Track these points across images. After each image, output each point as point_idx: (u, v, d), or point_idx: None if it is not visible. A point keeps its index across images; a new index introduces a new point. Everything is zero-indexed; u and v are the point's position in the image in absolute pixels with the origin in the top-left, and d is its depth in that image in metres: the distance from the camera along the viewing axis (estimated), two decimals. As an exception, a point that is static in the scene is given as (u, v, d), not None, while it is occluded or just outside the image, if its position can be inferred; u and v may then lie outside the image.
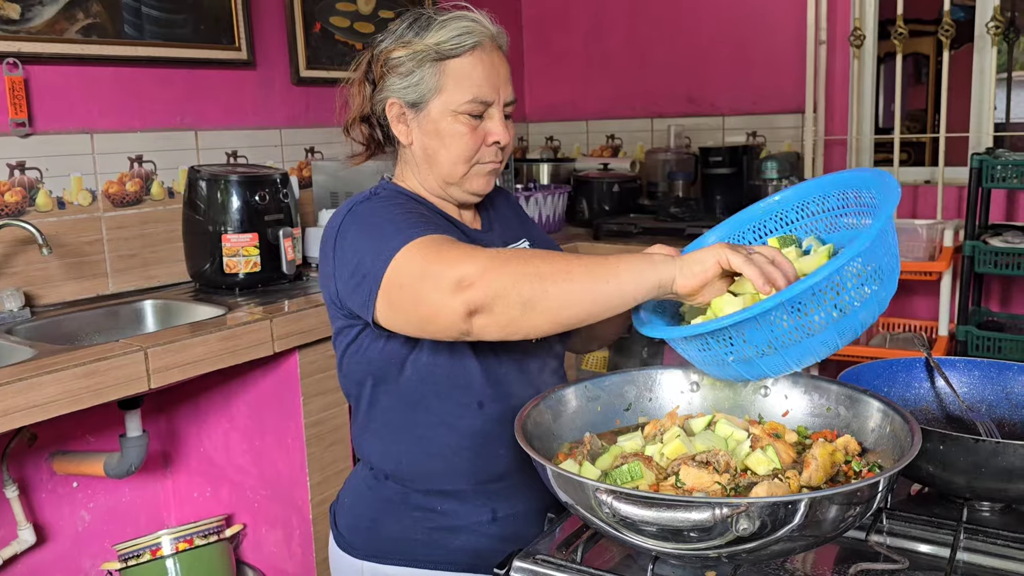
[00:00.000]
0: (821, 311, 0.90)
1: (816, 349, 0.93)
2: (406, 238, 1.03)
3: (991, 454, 0.94)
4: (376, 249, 1.06)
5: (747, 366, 0.96)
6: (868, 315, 0.93)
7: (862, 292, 0.91)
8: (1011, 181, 2.62)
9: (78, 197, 2.28)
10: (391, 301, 1.04)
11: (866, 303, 0.92)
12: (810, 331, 0.91)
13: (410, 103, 1.19)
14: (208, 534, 2.23)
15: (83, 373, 1.66)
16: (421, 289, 1.00)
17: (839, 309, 0.91)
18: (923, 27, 4.05)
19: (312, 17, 2.85)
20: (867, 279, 0.92)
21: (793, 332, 0.91)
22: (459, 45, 1.16)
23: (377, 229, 1.09)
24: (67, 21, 2.21)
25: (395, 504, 1.22)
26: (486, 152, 1.21)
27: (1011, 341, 2.63)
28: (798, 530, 0.77)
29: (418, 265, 1.01)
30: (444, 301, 0.97)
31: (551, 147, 3.86)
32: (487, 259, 0.97)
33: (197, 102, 2.55)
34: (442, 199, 1.25)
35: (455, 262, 0.97)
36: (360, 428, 1.27)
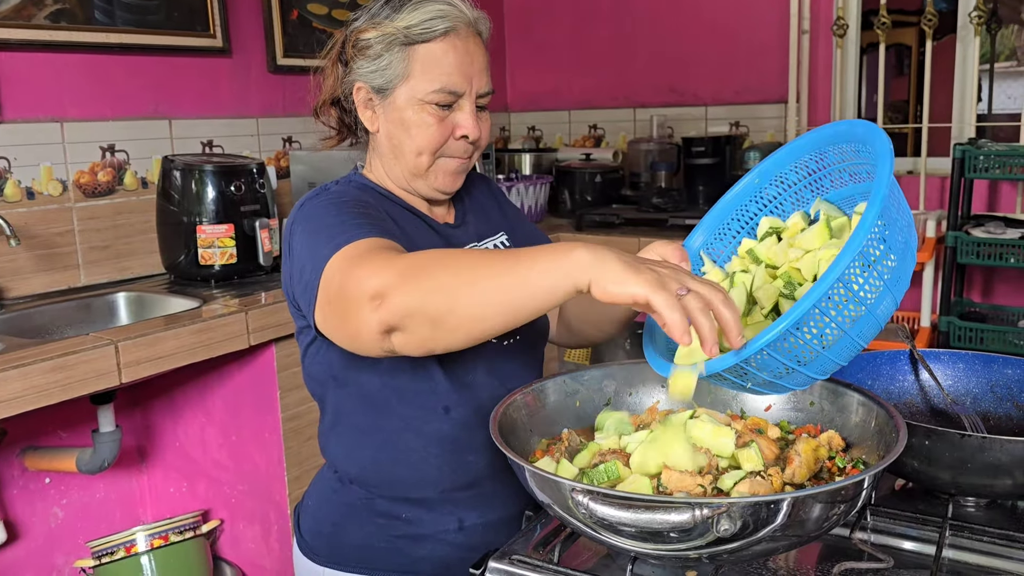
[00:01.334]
0: (831, 322, 0.81)
1: (841, 355, 0.84)
2: (335, 247, 0.96)
3: (976, 449, 0.92)
4: (313, 256, 0.99)
5: (770, 388, 0.88)
6: (890, 302, 0.84)
7: (875, 284, 0.82)
8: (993, 172, 2.61)
9: (48, 187, 2.22)
10: (325, 316, 0.97)
11: (883, 292, 0.83)
12: (825, 344, 0.82)
13: (376, 88, 1.13)
14: (184, 530, 2.19)
15: (51, 367, 1.62)
16: (343, 306, 0.92)
17: (854, 308, 0.82)
18: (906, 17, 4.04)
19: (289, 4, 2.80)
20: (876, 267, 0.82)
21: (807, 349, 0.81)
22: (430, 29, 1.09)
23: (315, 234, 1.02)
24: (35, 7, 2.15)
25: (359, 510, 1.18)
26: (453, 146, 1.14)
27: (993, 332, 2.63)
28: (781, 530, 0.75)
29: (339, 279, 0.93)
30: (363, 318, 0.88)
31: (533, 137, 3.82)
32: (398, 273, 0.87)
33: (171, 90, 2.49)
34: (408, 192, 1.20)
35: (369, 275, 0.89)
36: (325, 429, 1.23)
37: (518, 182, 3.16)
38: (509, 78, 3.86)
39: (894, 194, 0.84)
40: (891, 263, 0.83)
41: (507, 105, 3.88)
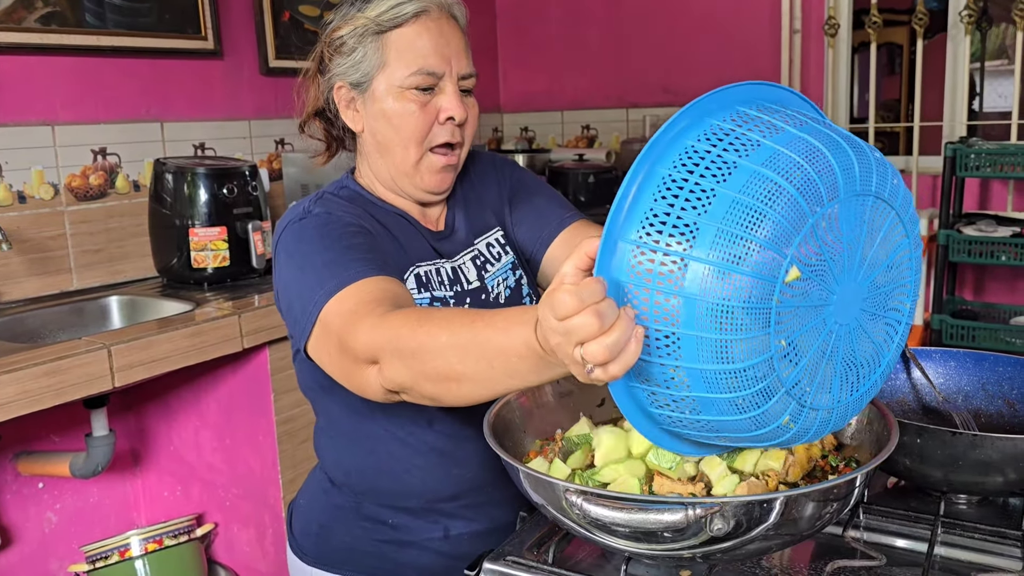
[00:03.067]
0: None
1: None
2: (327, 292, 0.96)
3: (968, 447, 0.93)
4: (302, 297, 0.99)
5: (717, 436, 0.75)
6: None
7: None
8: (985, 170, 2.63)
9: (39, 191, 2.21)
10: (321, 359, 1.00)
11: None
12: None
13: (354, 83, 1.11)
14: (178, 534, 2.19)
15: (44, 372, 1.62)
16: (342, 363, 0.94)
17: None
18: (897, 16, 4.06)
19: (281, 5, 2.80)
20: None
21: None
22: (399, 14, 1.07)
23: (302, 271, 1.01)
24: (25, 9, 2.15)
25: (346, 512, 1.18)
26: (440, 131, 1.10)
27: (985, 330, 2.65)
28: (774, 529, 0.75)
29: (335, 336, 0.94)
30: (366, 378, 0.91)
31: (526, 138, 3.83)
32: (385, 344, 0.86)
33: (163, 93, 2.49)
34: (399, 195, 1.17)
35: (364, 338, 0.89)
36: (318, 431, 1.23)
37: (511, 183, 3.16)
38: (502, 78, 3.86)
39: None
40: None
41: (500, 106, 3.88)
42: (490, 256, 1.21)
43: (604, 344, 0.62)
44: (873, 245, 0.72)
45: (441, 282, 1.14)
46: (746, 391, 0.67)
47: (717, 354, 0.65)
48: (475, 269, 1.19)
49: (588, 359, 0.63)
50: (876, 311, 0.74)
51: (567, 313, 0.63)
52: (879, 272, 0.73)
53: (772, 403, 0.68)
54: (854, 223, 0.69)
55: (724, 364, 0.65)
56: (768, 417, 0.69)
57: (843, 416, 0.77)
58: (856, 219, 0.69)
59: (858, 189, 0.69)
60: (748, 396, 0.67)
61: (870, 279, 0.72)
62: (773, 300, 0.65)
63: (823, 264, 0.67)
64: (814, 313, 0.68)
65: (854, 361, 0.74)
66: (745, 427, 0.70)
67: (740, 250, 0.64)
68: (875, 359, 0.76)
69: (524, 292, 1.24)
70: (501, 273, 1.21)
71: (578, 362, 0.64)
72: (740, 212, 0.64)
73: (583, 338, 0.63)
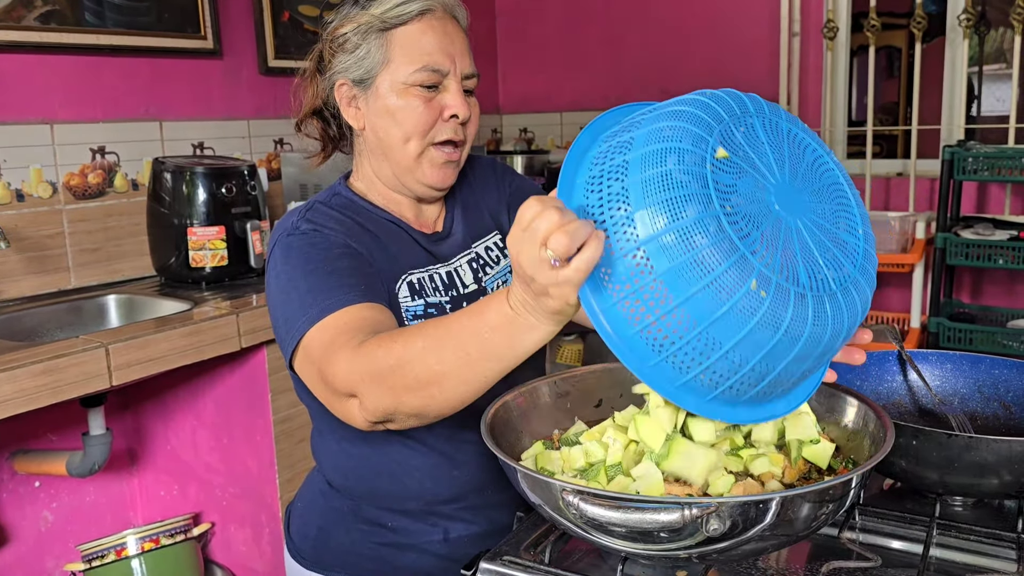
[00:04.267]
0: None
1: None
2: (308, 320, 0.98)
3: (963, 449, 0.93)
4: (287, 320, 1.02)
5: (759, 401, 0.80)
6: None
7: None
8: (982, 173, 2.63)
9: (38, 189, 2.21)
10: (307, 382, 1.02)
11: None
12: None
13: (357, 80, 1.11)
14: (175, 533, 2.18)
15: (41, 370, 1.62)
16: (325, 393, 0.97)
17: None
18: (896, 20, 4.07)
19: (280, 5, 2.80)
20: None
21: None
22: (404, 12, 1.07)
23: (286, 294, 1.03)
24: (25, 8, 2.15)
25: (345, 515, 1.17)
26: (443, 128, 1.11)
27: (982, 332, 2.65)
28: (770, 529, 0.75)
29: (316, 365, 0.97)
30: (347, 411, 0.94)
31: (525, 139, 3.83)
32: (361, 375, 0.89)
33: (162, 92, 2.49)
34: (399, 193, 1.17)
35: (342, 373, 0.91)
36: (315, 435, 1.22)
37: (510, 184, 3.16)
38: (501, 80, 3.87)
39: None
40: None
41: (499, 107, 3.88)
42: (489, 259, 1.21)
43: (566, 231, 0.68)
44: (801, 164, 0.80)
45: (435, 288, 1.14)
46: (702, 248, 0.70)
47: (668, 213, 0.71)
48: (471, 272, 1.19)
49: (552, 250, 0.68)
50: (825, 225, 0.79)
51: (532, 216, 0.71)
52: (814, 188, 0.80)
53: (731, 263, 0.71)
54: (774, 137, 0.79)
55: (675, 222, 0.71)
56: (732, 282, 0.71)
57: (824, 308, 0.76)
58: (775, 135, 0.79)
59: (752, 110, 0.79)
60: (707, 250, 0.70)
61: (809, 190, 0.80)
62: (707, 167, 0.73)
63: (749, 156, 0.76)
64: (755, 196, 0.75)
65: (816, 261, 0.77)
66: (717, 302, 0.71)
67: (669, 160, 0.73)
68: (840, 267, 0.79)
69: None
70: (500, 276, 1.21)
71: (545, 259, 0.70)
72: (654, 156, 0.73)
73: (546, 232, 0.69)
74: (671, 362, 0.74)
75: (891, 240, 2.75)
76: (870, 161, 3.08)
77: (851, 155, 3.31)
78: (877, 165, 3.17)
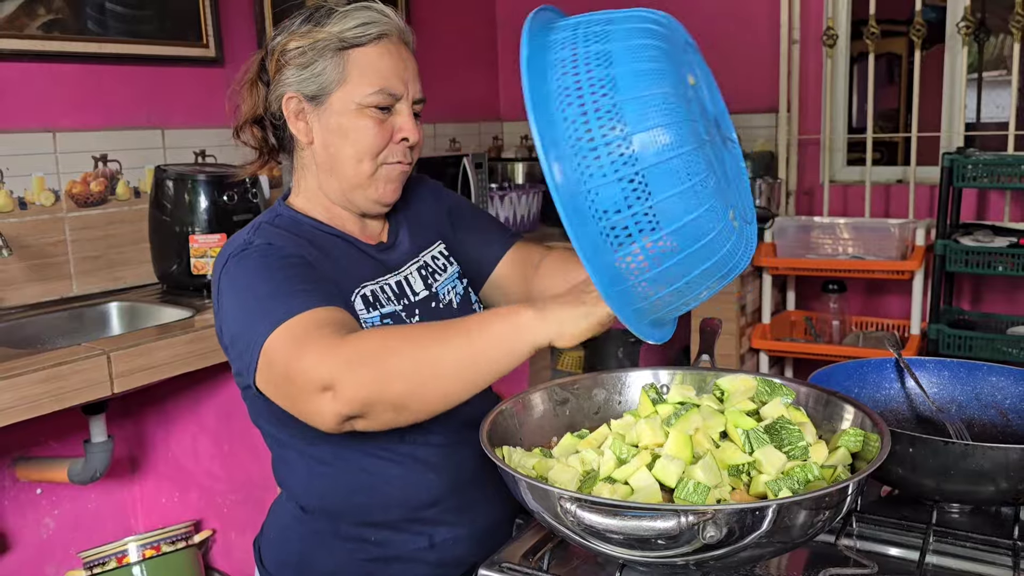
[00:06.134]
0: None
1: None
2: (271, 323, 0.95)
3: (960, 456, 0.93)
4: (247, 330, 0.98)
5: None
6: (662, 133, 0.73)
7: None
8: (982, 180, 2.64)
9: (40, 197, 2.22)
10: (269, 392, 0.98)
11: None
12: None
13: (309, 96, 1.11)
14: (176, 540, 2.19)
15: (43, 378, 1.62)
16: (291, 391, 0.93)
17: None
18: (895, 27, 4.08)
19: (282, 14, 2.81)
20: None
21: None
22: (363, 34, 1.09)
23: (246, 304, 1.00)
24: (27, 17, 2.16)
25: (324, 537, 1.15)
26: (394, 150, 1.13)
27: (982, 339, 2.65)
28: (766, 536, 0.76)
29: (282, 363, 0.93)
30: (316, 407, 0.90)
31: (526, 146, 3.84)
32: (346, 362, 0.88)
33: (164, 100, 2.50)
34: (344, 208, 1.17)
35: (316, 364, 0.89)
36: (278, 461, 1.19)
37: (511, 191, 3.17)
38: (502, 88, 3.88)
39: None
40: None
41: (500, 115, 3.89)
42: (436, 267, 1.24)
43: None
44: (719, 100, 0.87)
45: (388, 298, 1.15)
46: (699, 175, 0.74)
47: (672, 137, 0.73)
48: (421, 279, 1.21)
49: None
50: (739, 155, 0.87)
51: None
52: (727, 123, 0.87)
53: (713, 184, 0.75)
54: (704, 70, 0.86)
55: (679, 149, 0.73)
56: (720, 209, 0.76)
57: (742, 233, 0.82)
58: (703, 68, 0.86)
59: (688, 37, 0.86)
60: (703, 179, 0.74)
61: (726, 124, 0.86)
62: (689, 92, 0.77)
63: (700, 85, 0.81)
64: (710, 128, 0.79)
65: (745, 190, 0.85)
66: (705, 226, 0.75)
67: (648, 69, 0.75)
68: (749, 200, 0.86)
69: (472, 299, 1.26)
70: (449, 282, 1.24)
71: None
72: (646, 77, 0.74)
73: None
74: (639, 289, 0.78)
75: (891, 247, 2.75)
76: (870, 168, 3.09)
77: (851, 162, 3.32)
78: (877, 172, 3.18)
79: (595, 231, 0.74)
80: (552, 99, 0.75)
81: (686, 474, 0.83)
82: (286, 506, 1.21)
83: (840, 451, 0.89)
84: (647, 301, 0.79)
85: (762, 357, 3.00)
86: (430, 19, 3.40)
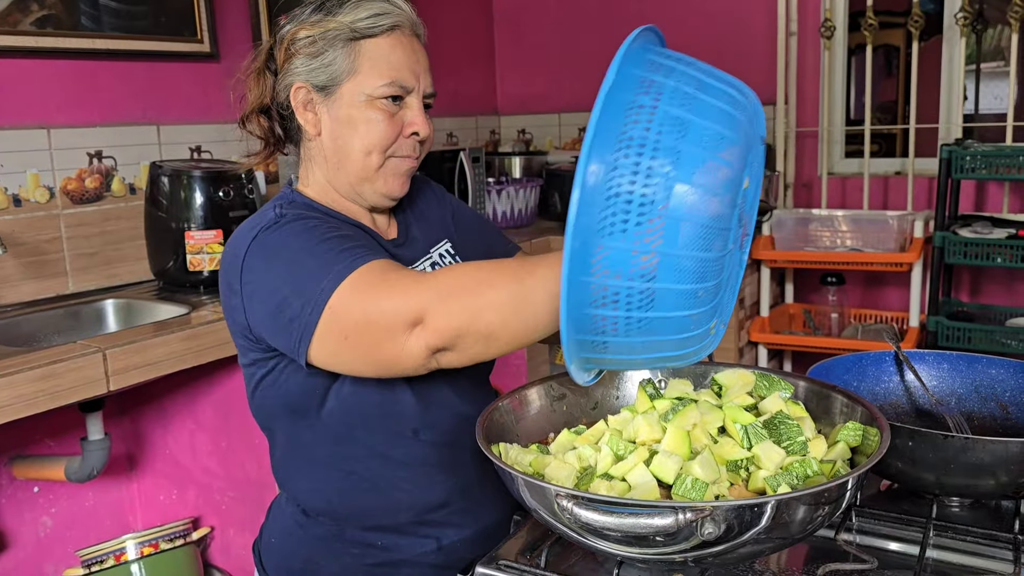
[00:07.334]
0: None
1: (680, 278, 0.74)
2: (337, 276, 0.93)
3: (960, 450, 0.93)
4: (300, 290, 0.94)
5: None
6: (690, 191, 0.72)
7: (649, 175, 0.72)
8: (980, 172, 2.63)
9: (35, 194, 2.21)
10: (334, 351, 0.95)
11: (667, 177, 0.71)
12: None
13: (319, 86, 1.09)
14: (174, 538, 2.18)
15: (39, 376, 1.61)
16: (371, 336, 0.91)
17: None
18: (893, 19, 4.06)
19: (278, 9, 2.80)
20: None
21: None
22: (376, 25, 1.07)
23: (296, 265, 0.97)
24: (20, 13, 2.15)
25: (330, 542, 1.13)
26: (403, 144, 1.11)
27: (980, 331, 2.65)
28: (765, 532, 0.75)
29: (359, 309, 0.91)
30: (401, 346, 0.89)
31: (523, 140, 3.83)
32: (434, 293, 0.88)
33: (159, 96, 2.49)
34: (353, 202, 1.15)
35: (401, 300, 0.88)
36: (282, 463, 1.17)
37: (508, 185, 3.16)
38: (499, 81, 3.86)
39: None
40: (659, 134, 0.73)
41: (497, 108, 3.88)
42: (444, 265, 1.23)
43: None
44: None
45: None
46: (708, 283, 0.74)
47: (701, 244, 0.72)
48: None
49: None
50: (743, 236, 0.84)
51: None
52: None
53: (713, 294, 0.76)
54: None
55: (705, 219, 0.72)
56: (706, 317, 0.77)
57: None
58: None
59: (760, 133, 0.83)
60: (709, 288, 0.75)
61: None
62: (738, 196, 0.76)
63: (752, 186, 0.79)
64: (735, 231, 0.78)
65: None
66: (687, 325, 0.76)
67: (716, 165, 0.73)
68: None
69: None
70: None
71: None
72: (710, 136, 0.74)
73: None
74: (597, 342, 0.77)
75: (889, 239, 2.75)
76: (868, 160, 3.08)
77: (849, 154, 3.31)
78: (875, 164, 3.17)
79: (588, 283, 0.73)
80: (611, 144, 0.73)
81: (684, 470, 0.83)
82: (286, 509, 1.19)
83: (839, 446, 0.89)
84: (596, 337, 0.77)
85: (761, 350, 3.00)
86: (427, 13, 3.36)
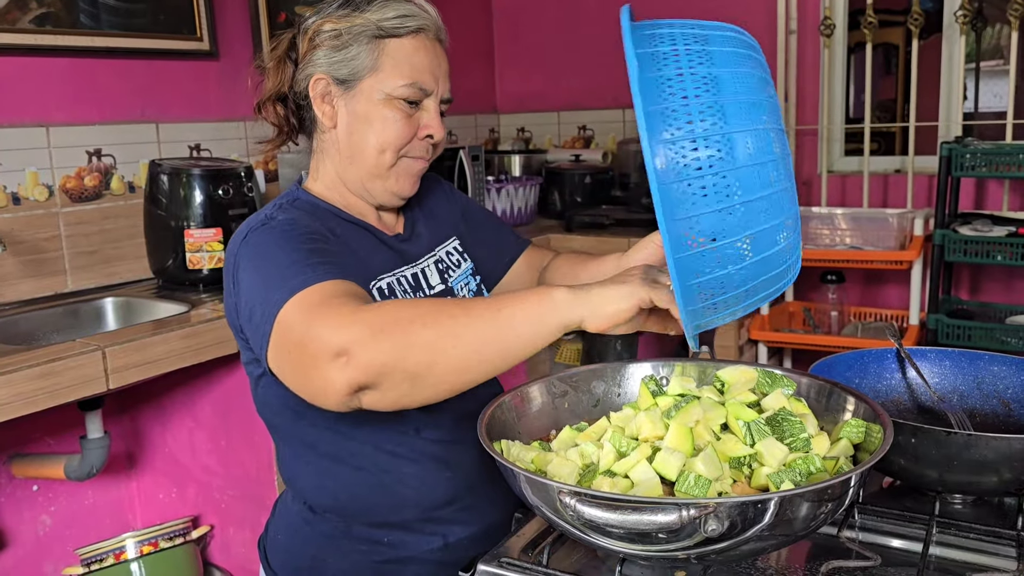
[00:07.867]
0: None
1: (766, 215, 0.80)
2: (288, 291, 0.91)
3: (963, 447, 0.93)
4: (264, 300, 0.94)
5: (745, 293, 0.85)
6: (752, 138, 0.79)
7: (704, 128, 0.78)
8: (980, 170, 2.63)
9: (34, 192, 2.21)
10: (279, 365, 0.93)
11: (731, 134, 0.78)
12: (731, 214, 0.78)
13: (339, 79, 1.10)
14: (174, 536, 2.18)
15: (38, 374, 1.61)
16: (303, 360, 0.88)
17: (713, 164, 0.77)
18: (893, 17, 4.06)
19: (277, 6, 2.79)
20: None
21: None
22: (402, 25, 1.09)
23: (264, 274, 0.97)
24: (19, 10, 2.14)
25: (337, 539, 1.13)
26: (417, 146, 1.13)
27: (980, 329, 2.65)
28: (768, 529, 0.75)
29: (298, 330, 0.89)
30: (327, 376, 0.84)
31: (522, 138, 3.83)
32: (367, 327, 0.83)
33: (158, 94, 2.48)
34: (361, 198, 1.16)
35: (334, 329, 0.84)
36: (288, 460, 1.16)
37: (507, 184, 3.16)
38: (498, 80, 3.86)
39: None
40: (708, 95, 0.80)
41: (496, 107, 3.87)
42: (451, 263, 1.24)
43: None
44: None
45: (404, 291, 1.14)
46: (791, 210, 0.83)
47: (760, 143, 0.80)
48: (438, 273, 1.21)
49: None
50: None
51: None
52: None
53: (787, 208, 0.82)
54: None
55: (767, 153, 0.80)
56: (795, 239, 0.86)
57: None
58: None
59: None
60: (792, 214, 0.83)
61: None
62: (776, 103, 0.84)
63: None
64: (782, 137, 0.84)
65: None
66: (781, 259, 0.84)
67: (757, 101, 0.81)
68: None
69: (485, 296, 1.25)
70: (463, 277, 1.24)
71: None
72: (740, 80, 0.82)
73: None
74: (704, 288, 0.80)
75: (889, 237, 2.74)
76: (868, 158, 3.08)
77: (849, 152, 3.31)
78: (875, 162, 3.17)
79: (689, 257, 0.77)
80: (661, 123, 0.78)
81: (687, 467, 0.82)
82: (292, 507, 1.18)
83: (842, 442, 0.89)
84: (707, 302, 0.80)
85: (761, 348, 3.00)
86: (425, 11, 3.38)
